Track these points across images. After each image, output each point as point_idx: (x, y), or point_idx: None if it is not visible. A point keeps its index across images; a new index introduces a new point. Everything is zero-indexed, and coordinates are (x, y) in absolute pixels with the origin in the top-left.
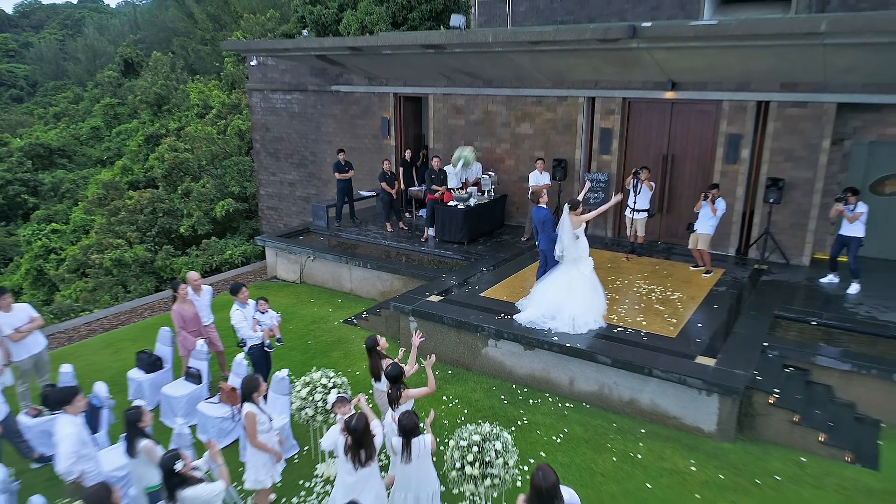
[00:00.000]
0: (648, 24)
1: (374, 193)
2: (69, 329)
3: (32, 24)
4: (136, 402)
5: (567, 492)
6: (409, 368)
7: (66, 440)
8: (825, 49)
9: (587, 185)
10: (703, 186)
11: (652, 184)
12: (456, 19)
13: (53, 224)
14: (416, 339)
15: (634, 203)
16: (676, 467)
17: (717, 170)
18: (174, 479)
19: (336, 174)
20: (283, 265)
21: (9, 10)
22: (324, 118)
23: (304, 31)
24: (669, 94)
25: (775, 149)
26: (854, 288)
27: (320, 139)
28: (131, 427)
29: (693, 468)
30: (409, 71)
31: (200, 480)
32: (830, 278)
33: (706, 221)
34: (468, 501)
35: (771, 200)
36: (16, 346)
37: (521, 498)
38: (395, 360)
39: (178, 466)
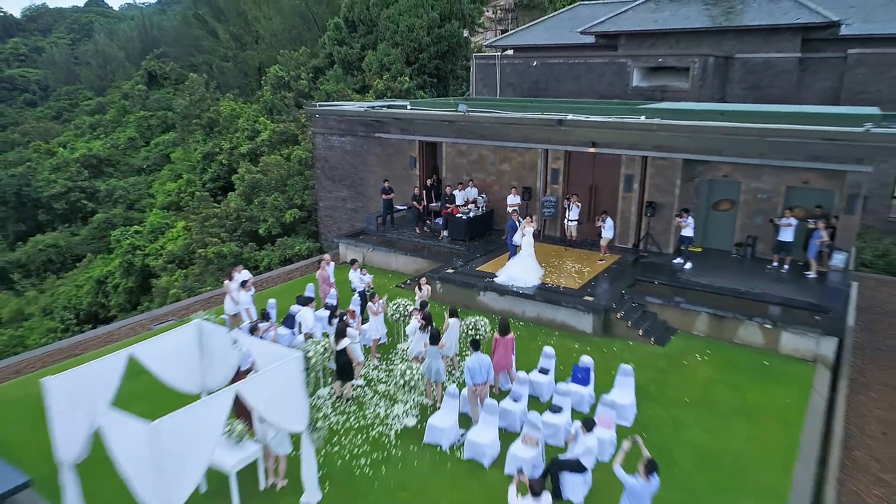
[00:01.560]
0: (568, 116)
1: (406, 207)
2: None
3: (40, 27)
4: (336, 309)
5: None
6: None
7: (308, 319)
8: (659, 134)
9: (573, 207)
10: (613, 207)
11: (579, 203)
12: (462, 107)
13: (136, 227)
14: (425, 289)
15: (569, 215)
16: (573, 346)
17: (620, 196)
18: (339, 328)
19: (382, 195)
20: (351, 254)
21: (17, 14)
22: (368, 154)
23: (358, 104)
24: (592, 150)
25: (651, 184)
26: (688, 266)
27: (365, 169)
28: (339, 321)
29: (577, 345)
30: (430, 128)
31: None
32: (679, 260)
33: (605, 232)
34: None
35: (649, 214)
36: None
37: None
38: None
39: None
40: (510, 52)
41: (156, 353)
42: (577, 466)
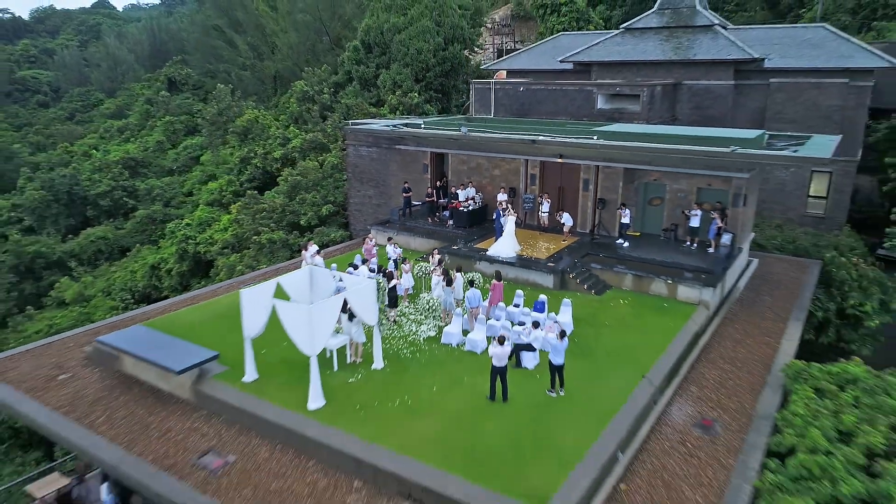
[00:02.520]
0: (540, 137)
1: (421, 203)
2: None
3: (48, 29)
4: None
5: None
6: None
7: (364, 272)
8: (603, 150)
9: (545, 202)
10: (574, 203)
11: (549, 200)
12: (463, 129)
13: (186, 220)
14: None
15: (542, 209)
16: (538, 294)
17: (580, 194)
18: (388, 275)
19: (403, 193)
20: (380, 238)
21: (25, 15)
22: (390, 162)
23: (383, 121)
24: (559, 160)
25: (602, 185)
26: (626, 244)
27: (387, 173)
28: (388, 272)
29: (541, 294)
30: (438, 143)
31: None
32: (620, 242)
33: (566, 221)
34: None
35: (600, 208)
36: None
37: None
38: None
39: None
40: (504, 72)
41: (289, 282)
42: (529, 348)
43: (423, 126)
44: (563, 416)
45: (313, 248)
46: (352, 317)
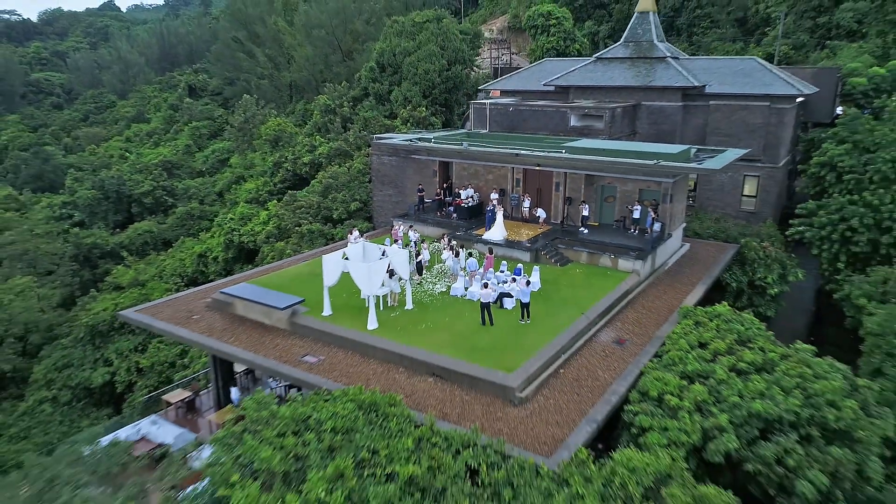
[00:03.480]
0: (522, 151)
1: (431, 200)
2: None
3: (56, 31)
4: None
5: (520, 266)
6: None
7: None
8: (569, 161)
9: (526, 200)
10: (548, 201)
11: (529, 198)
12: (465, 144)
13: (230, 214)
14: (446, 242)
15: (524, 205)
16: (516, 265)
17: (553, 194)
18: (417, 252)
19: (417, 192)
20: (402, 226)
21: (33, 17)
22: (406, 168)
23: (402, 136)
24: (538, 168)
25: (569, 187)
26: (586, 231)
27: (404, 177)
28: (414, 248)
29: (520, 265)
30: (444, 153)
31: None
32: (581, 230)
33: (541, 214)
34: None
35: (567, 204)
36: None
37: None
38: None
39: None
40: (498, 91)
41: (350, 252)
42: (508, 295)
43: (432, 140)
44: (528, 333)
45: (356, 232)
46: (392, 275)
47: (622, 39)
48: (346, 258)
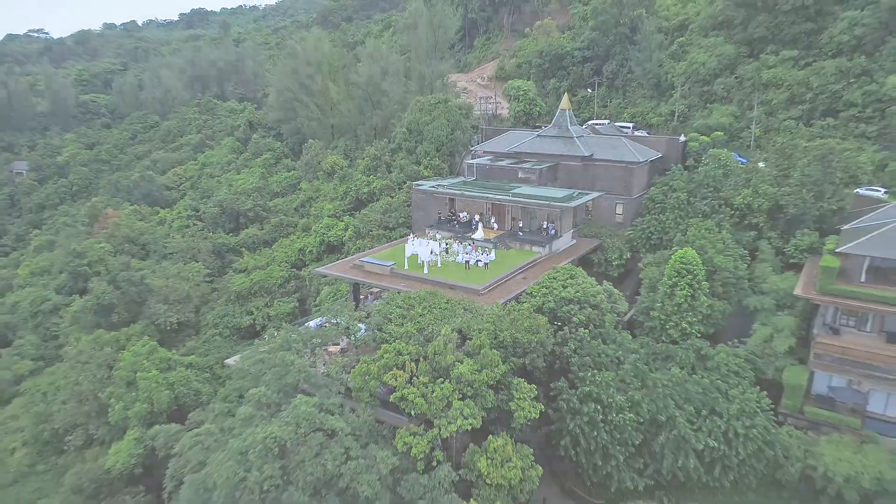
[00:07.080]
0: (489, 194)
1: (445, 219)
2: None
3: (88, 51)
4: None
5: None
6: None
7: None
8: (513, 199)
9: (493, 219)
10: (504, 220)
11: (495, 217)
12: (461, 189)
13: (323, 224)
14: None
15: (492, 221)
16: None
17: (508, 216)
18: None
19: (437, 213)
20: (431, 232)
21: (56, 33)
22: (431, 199)
23: (429, 182)
24: (498, 201)
25: (514, 213)
26: (521, 234)
27: (430, 205)
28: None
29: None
30: (452, 194)
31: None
32: (519, 233)
33: (496, 227)
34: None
35: (515, 220)
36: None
37: None
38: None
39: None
40: (482, 150)
41: (416, 241)
42: (481, 260)
43: (445, 186)
44: (487, 274)
45: (412, 236)
46: (431, 252)
47: (552, 123)
48: (413, 245)
